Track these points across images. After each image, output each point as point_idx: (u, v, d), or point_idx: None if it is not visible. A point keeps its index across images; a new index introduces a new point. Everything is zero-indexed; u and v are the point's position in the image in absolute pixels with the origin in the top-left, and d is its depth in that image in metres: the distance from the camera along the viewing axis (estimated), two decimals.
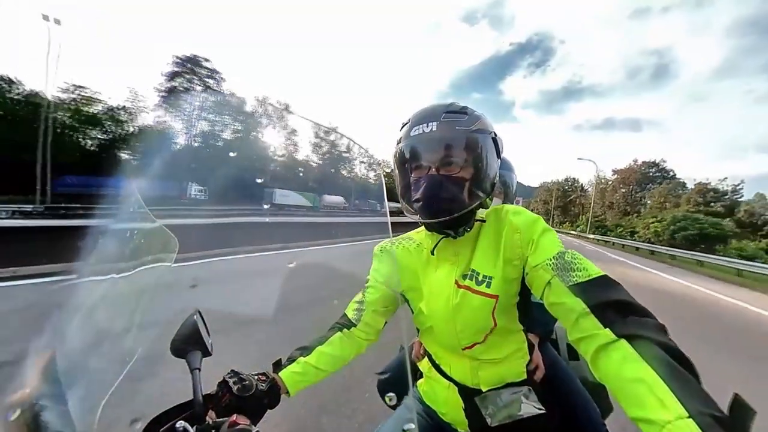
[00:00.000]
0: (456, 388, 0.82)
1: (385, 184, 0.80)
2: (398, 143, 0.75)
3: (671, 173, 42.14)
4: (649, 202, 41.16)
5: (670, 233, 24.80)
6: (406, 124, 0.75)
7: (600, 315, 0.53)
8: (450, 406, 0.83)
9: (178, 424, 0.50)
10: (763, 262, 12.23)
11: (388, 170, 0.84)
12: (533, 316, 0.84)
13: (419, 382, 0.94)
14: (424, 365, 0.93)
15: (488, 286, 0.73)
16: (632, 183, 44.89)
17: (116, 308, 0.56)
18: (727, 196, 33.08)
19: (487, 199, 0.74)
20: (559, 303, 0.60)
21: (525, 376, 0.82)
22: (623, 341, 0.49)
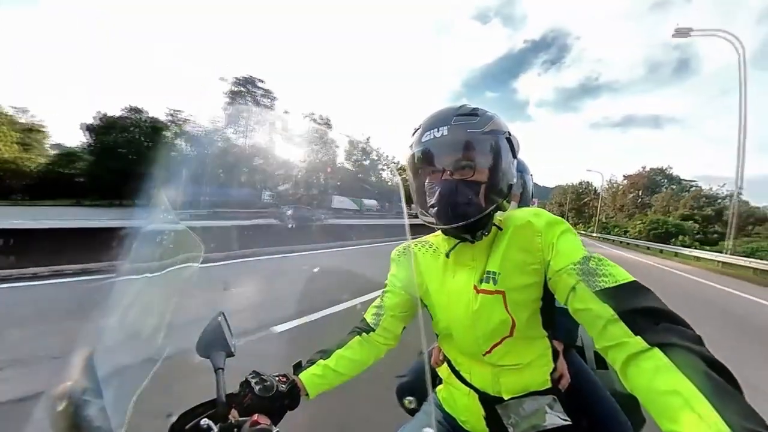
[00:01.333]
0: (476, 396, 0.80)
1: (403, 187, 0.80)
2: (410, 149, 0.75)
3: (677, 178, 47.95)
4: (654, 205, 45.63)
5: (647, 231, 33.10)
6: (418, 129, 0.74)
7: (630, 322, 0.50)
8: (470, 414, 0.82)
9: (202, 422, 0.52)
10: (689, 247, 22.48)
11: (404, 174, 0.84)
12: (557, 322, 0.81)
13: (438, 388, 0.93)
14: (443, 371, 0.92)
15: (495, 282, 0.71)
16: (641, 188, 50.27)
17: (147, 308, 0.59)
18: (718, 201, 37.60)
19: (505, 202, 0.73)
20: (584, 309, 0.58)
21: (549, 385, 0.79)
22: (656, 350, 0.46)
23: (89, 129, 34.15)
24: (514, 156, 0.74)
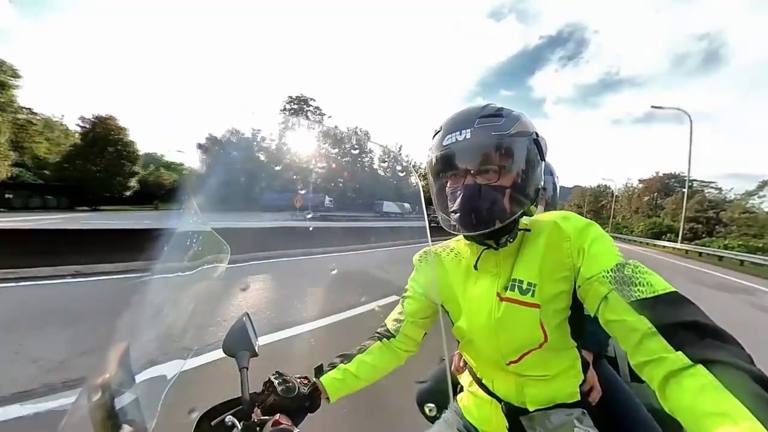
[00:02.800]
0: (499, 405, 0.77)
1: (423, 190, 0.80)
2: (431, 152, 0.73)
3: (690, 183, 53.46)
4: (665, 207, 50.09)
5: (646, 230, 40.65)
6: (438, 131, 0.71)
7: (670, 336, 0.47)
8: (492, 424, 0.79)
9: (227, 419, 0.53)
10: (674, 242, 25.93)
11: (424, 178, 0.83)
12: (587, 332, 0.77)
13: (459, 395, 0.91)
14: (464, 379, 0.90)
15: (532, 294, 0.68)
16: (655, 191, 54.37)
17: (177, 307, 0.62)
18: (719, 206, 41.66)
19: (532, 207, 0.69)
20: (618, 321, 0.54)
21: (578, 398, 0.75)
22: (700, 367, 0.42)
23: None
24: (542, 158, 0.71)
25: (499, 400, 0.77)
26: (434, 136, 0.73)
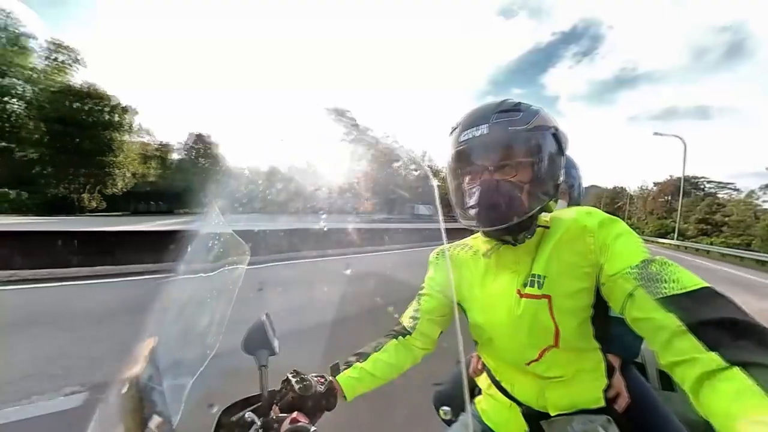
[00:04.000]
0: (519, 409, 0.75)
1: (438, 189, 0.79)
2: (448, 148, 0.72)
3: (702, 185, 55.45)
4: (676, 210, 55.03)
5: (654, 231, 46.85)
6: (456, 128, 0.71)
7: (702, 335, 0.44)
8: (511, 429, 0.77)
9: (246, 415, 0.55)
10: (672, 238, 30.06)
11: (436, 176, 0.83)
12: (613, 334, 0.74)
13: (477, 398, 0.89)
14: (482, 381, 0.88)
15: (540, 286, 0.67)
16: (668, 194, 56.49)
17: (200, 306, 0.65)
18: (727, 207, 44.30)
19: (551, 202, 0.68)
20: (644, 318, 0.52)
21: (603, 404, 0.72)
22: (737, 369, 0.39)
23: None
24: (562, 153, 0.69)
25: (519, 403, 0.75)
26: (451, 132, 0.72)
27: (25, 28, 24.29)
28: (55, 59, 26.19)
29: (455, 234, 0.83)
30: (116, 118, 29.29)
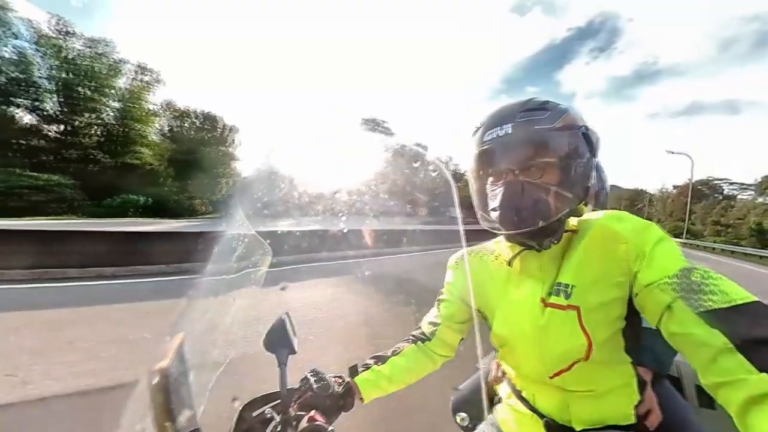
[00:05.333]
0: (541, 422, 0.72)
1: (458, 191, 0.78)
2: (471, 149, 0.70)
3: (720, 189, 57.04)
4: (696, 212, 53.31)
5: (670, 231, 43.56)
6: (479, 128, 0.69)
7: (752, 354, 0.41)
8: None
9: (266, 411, 0.57)
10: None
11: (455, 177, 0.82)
12: (644, 345, 0.70)
13: (496, 407, 0.86)
14: (502, 390, 0.86)
15: (567, 296, 0.63)
16: (687, 196, 59.76)
17: (225, 306, 0.67)
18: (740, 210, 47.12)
19: (581, 206, 0.65)
20: (684, 334, 0.48)
21: (633, 420, 0.68)
22: None
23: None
24: (593, 153, 0.65)
25: (541, 415, 0.72)
26: (474, 132, 0.70)
27: (120, 54, 28.29)
28: (141, 80, 29.85)
29: (479, 236, 0.82)
30: (225, 135, 34.96)
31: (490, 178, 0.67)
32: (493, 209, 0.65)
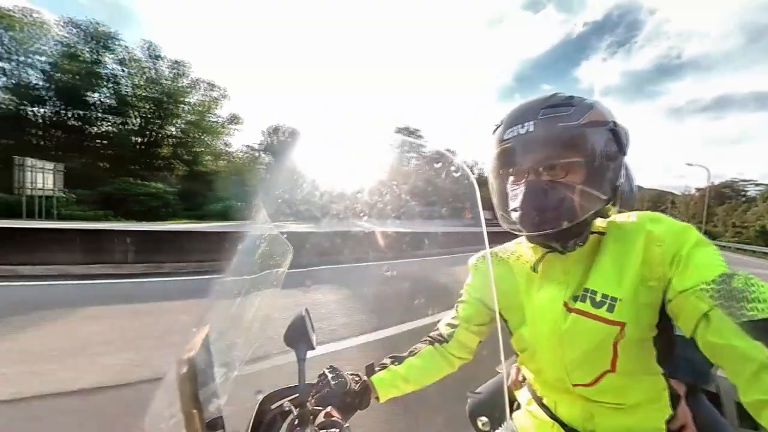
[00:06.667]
0: (563, 430, 0.70)
1: (479, 191, 0.77)
2: (491, 148, 0.68)
3: (744, 191, 58.46)
4: (717, 214, 55.90)
5: None
6: (499, 126, 0.67)
7: None
8: None
9: (285, 404, 0.59)
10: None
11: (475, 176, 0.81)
12: (679, 356, 0.66)
13: (516, 413, 0.84)
14: (522, 396, 0.84)
15: (610, 309, 0.59)
16: (710, 199, 58.08)
17: (247, 301, 0.70)
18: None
19: (609, 207, 0.62)
20: (723, 345, 0.45)
21: None
22: None
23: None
24: (622, 151, 0.62)
25: (563, 424, 0.70)
26: (495, 130, 0.68)
27: (194, 73, 31.88)
28: (210, 95, 33.28)
29: (501, 238, 0.80)
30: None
31: (511, 178, 0.65)
32: (514, 209, 0.64)
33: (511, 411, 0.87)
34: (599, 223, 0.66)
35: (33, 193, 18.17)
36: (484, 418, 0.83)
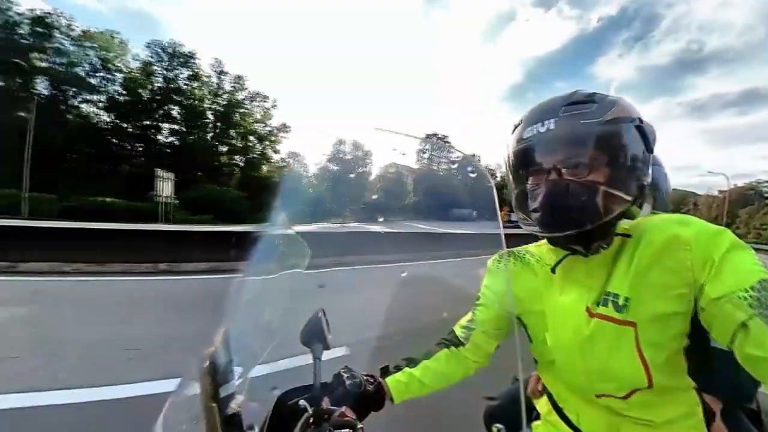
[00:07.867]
0: None
1: (497, 191, 0.75)
2: (508, 147, 0.66)
3: (766, 194, 56.53)
4: (740, 216, 54.11)
5: None
6: (518, 125, 0.65)
7: None
8: None
9: (301, 402, 0.60)
10: None
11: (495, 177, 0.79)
12: (715, 370, 0.62)
13: (535, 423, 0.82)
14: (542, 405, 0.81)
15: (625, 311, 0.57)
16: (732, 201, 55.58)
17: (264, 301, 0.72)
18: None
19: (635, 207, 0.59)
20: (764, 358, 0.43)
21: None
22: None
23: None
24: (649, 149, 0.59)
25: None
26: (513, 130, 0.66)
27: (252, 86, 36.25)
28: (261, 107, 36.07)
29: (520, 241, 0.78)
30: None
31: (531, 178, 0.63)
32: (534, 210, 0.62)
33: (529, 420, 0.84)
34: (624, 224, 0.63)
35: (161, 201, 21.10)
36: (501, 426, 0.81)
